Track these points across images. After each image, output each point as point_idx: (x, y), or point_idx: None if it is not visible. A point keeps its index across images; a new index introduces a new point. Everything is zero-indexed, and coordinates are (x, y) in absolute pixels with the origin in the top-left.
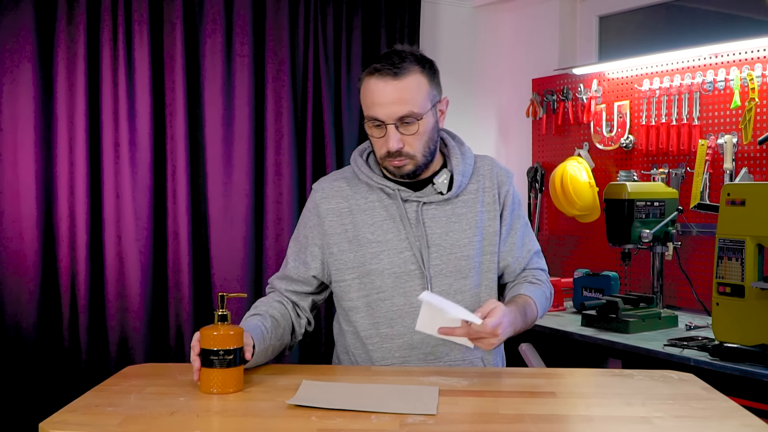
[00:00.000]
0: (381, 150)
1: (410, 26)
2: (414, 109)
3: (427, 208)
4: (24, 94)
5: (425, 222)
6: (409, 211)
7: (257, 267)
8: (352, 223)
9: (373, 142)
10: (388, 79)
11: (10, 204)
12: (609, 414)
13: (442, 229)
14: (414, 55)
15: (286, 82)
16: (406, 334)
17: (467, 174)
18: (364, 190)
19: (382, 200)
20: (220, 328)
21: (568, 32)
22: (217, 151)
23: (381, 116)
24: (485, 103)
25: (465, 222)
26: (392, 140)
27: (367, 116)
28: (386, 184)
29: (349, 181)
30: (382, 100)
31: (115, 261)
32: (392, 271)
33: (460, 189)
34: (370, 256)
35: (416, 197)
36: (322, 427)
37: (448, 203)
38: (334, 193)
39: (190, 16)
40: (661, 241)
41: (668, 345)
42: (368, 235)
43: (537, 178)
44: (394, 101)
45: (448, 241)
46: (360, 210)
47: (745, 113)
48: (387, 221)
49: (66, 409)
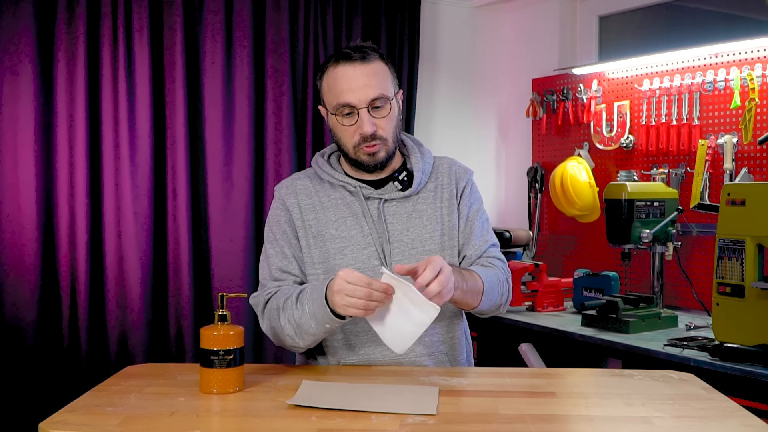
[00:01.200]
0: (353, 138)
1: (410, 26)
2: (383, 91)
3: (388, 204)
4: (24, 94)
5: (387, 218)
6: (371, 207)
7: (257, 267)
8: (316, 219)
9: (343, 132)
10: (356, 63)
11: (10, 204)
12: (609, 414)
13: (403, 225)
14: (372, 46)
15: (286, 82)
16: (369, 330)
17: (426, 172)
18: (327, 188)
19: (344, 198)
20: (220, 328)
21: (568, 32)
22: (217, 151)
23: (353, 101)
24: (485, 103)
25: (425, 218)
26: (366, 124)
27: (336, 105)
28: (348, 181)
29: (312, 179)
30: (353, 85)
31: (115, 261)
32: (356, 266)
33: (420, 186)
34: (334, 252)
35: (377, 194)
36: (322, 427)
37: (408, 200)
38: (297, 190)
39: (190, 17)
40: (661, 241)
41: (668, 345)
42: (332, 231)
43: (537, 178)
44: (365, 84)
45: (410, 237)
46: (323, 207)
47: (745, 113)
48: (350, 218)
49: (66, 409)
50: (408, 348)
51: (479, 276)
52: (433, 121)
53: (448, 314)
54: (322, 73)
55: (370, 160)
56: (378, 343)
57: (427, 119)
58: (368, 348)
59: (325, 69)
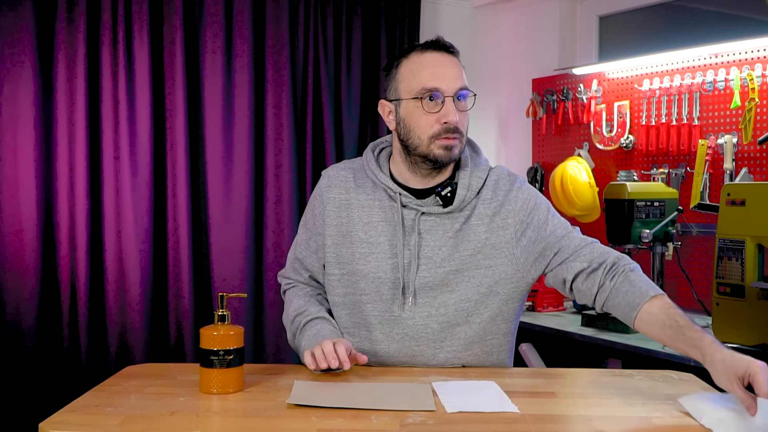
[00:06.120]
0: (434, 127)
1: (410, 26)
2: (467, 84)
3: (425, 218)
4: (24, 94)
5: (421, 232)
6: (406, 217)
7: (257, 267)
8: (348, 217)
9: (422, 121)
10: (445, 54)
11: (10, 204)
12: (609, 414)
13: (436, 242)
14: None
15: (286, 82)
16: (384, 342)
17: (473, 189)
18: (368, 186)
19: (382, 201)
20: (220, 328)
21: (568, 32)
22: (217, 151)
23: (443, 87)
24: (485, 103)
25: (462, 237)
26: (452, 112)
27: (422, 89)
28: (390, 185)
29: (356, 173)
30: (442, 72)
31: (115, 261)
32: (377, 275)
33: (462, 203)
34: (359, 256)
35: (416, 205)
36: (322, 427)
37: (448, 216)
38: (338, 182)
39: (190, 16)
40: (661, 241)
41: None
42: (360, 234)
43: (537, 178)
44: (454, 74)
45: (440, 255)
46: (359, 206)
47: (745, 113)
48: (382, 223)
49: (66, 409)
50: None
51: (661, 296)
52: None
53: (475, 340)
54: (400, 59)
55: (445, 155)
56: (389, 354)
57: None
58: (381, 358)
59: (407, 55)
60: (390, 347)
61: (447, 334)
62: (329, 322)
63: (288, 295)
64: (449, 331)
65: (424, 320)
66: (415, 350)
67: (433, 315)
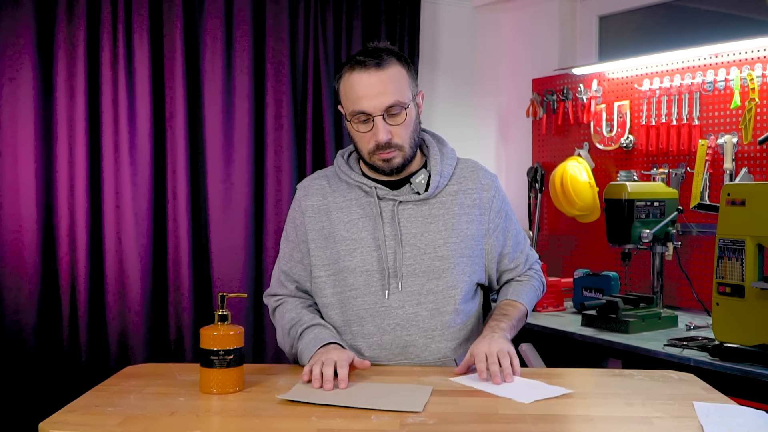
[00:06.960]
0: (368, 145)
1: (410, 26)
2: (399, 98)
3: (403, 207)
4: (24, 94)
5: (400, 221)
6: (384, 209)
7: (257, 267)
8: (329, 220)
9: (359, 138)
10: (371, 70)
11: (10, 204)
12: (609, 414)
13: (417, 228)
14: (390, 49)
15: (286, 82)
16: (375, 334)
17: (446, 175)
18: (343, 189)
19: (359, 198)
20: (220, 328)
21: (568, 32)
22: (217, 151)
23: (368, 108)
24: (485, 103)
25: (441, 223)
26: (381, 132)
27: (351, 112)
28: (364, 181)
29: (330, 179)
30: (368, 93)
31: (115, 261)
32: (364, 269)
33: (437, 189)
34: (344, 253)
35: (393, 196)
36: (322, 427)
37: (424, 203)
38: (314, 191)
39: (190, 16)
40: (661, 241)
41: (668, 345)
42: (343, 233)
43: (537, 178)
44: (380, 92)
45: (423, 241)
46: (337, 208)
47: (745, 113)
48: (362, 219)
49: (66, 409)
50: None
51: (520, 303)
52: (433, 122)
53: (467, 335)
54: (339, 77)
55: (385, 166)
56: (382, 347)
57: (427, 119)
58: (374, 351)
59: (341, 74)
60: (382, 339)
61: (437, 323)
62: (326, 327)
63: (278, 313)
64: (439, 319)
65: (414, 308)
66: (406, 340)
67: (422, 303)
